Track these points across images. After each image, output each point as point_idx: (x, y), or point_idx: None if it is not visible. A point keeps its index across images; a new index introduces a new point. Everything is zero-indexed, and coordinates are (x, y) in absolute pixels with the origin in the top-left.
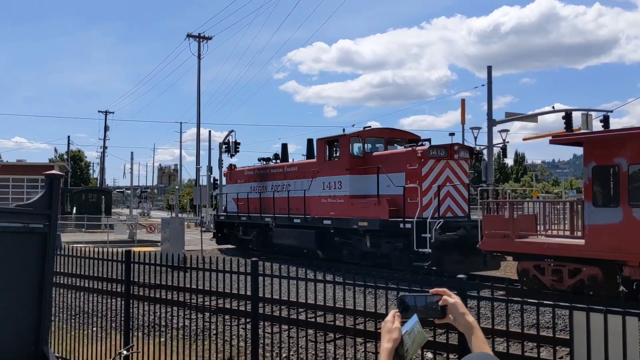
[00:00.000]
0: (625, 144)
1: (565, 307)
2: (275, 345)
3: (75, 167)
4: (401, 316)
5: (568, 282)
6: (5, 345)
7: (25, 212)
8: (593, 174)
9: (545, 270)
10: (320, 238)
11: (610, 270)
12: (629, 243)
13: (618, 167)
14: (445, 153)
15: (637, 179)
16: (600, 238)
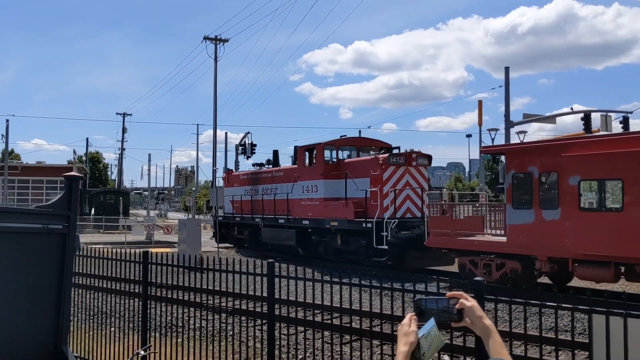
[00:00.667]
0: (536, 155)
1: (585, 310)
2: (292, 347)
3: (94, 168)
4: (418, 319)
5: (495, 275)
6: (25, 345)
7: (45, 213)
8: (512, 180)
9: (478, 265)
10: (300, 237)
11: (527, 264)
12: (539, 240)
13: (531, 174)
14: (404, 160)
15: (546, 185)
16: (518, 236)
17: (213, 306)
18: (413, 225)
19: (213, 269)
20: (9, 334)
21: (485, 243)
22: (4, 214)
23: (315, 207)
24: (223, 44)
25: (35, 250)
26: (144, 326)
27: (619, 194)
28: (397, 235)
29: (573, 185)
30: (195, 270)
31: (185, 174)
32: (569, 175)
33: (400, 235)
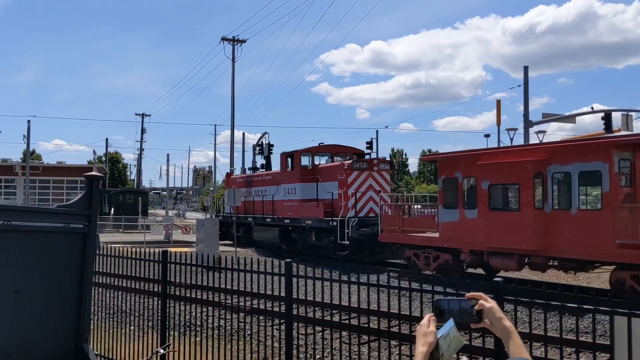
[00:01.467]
0: (460, 163)
1: (606, 312)
2: (309, 347)
3: (113, 168)
4: (437, 320)
5: (432, 266)
6: (47, 342)
7: (66, 213)
8: (442, 184)
9: (419, 257)
10: (283, 234)
11: (455, 256)
12: (463, 236)
13: (457, 179)
14: (367, 166)
15: (468, 188)
16: (447, 232)
17: (231, 305)
18: (372, 223)
19: (231, 268)
20: (31, 332)
21: (423, 238)
22: (26, 213)
23: (294, 208)
24: (240, 45)
25: (56, 250)
26: (163, 325)
27: (517, 196)
28: (358, 232)
29: (485, 189)
30: (213, 269)
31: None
32: (482, 180)
33: (360, 232)
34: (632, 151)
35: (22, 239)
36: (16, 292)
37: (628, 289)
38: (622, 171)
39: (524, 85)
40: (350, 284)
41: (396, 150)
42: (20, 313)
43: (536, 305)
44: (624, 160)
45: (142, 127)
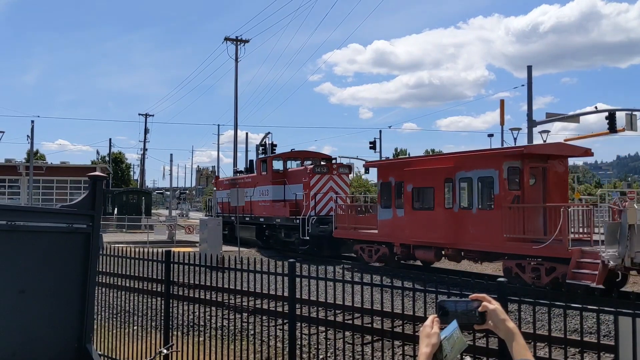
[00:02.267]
0: (393, 169)
1: (610, 312)
2: (313, 347)
3: (117, 168)
4: (440, 321)
5: (374, 258)
6: (50, 342)
7: (70, 213)
8: (380, 187)
9: (364, 250)
10: (259, 231)
11: (391, 249)
12: (395, 232)
13: (390, 183)
14: (327, 170)
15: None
16: (384, 228)
17: (234, 305)
18: (330, 221)
19: (234, 268)
20: (35, 332)
21: (367, 234)
22: (30, 213)
23: (267, 208)
24: (244, 45)
25: (60, 250)
26: (166, 325)
27: (432, 198)
28: (317, 229)
29: (409, 192)
30: (217, 269)
31: (207, 174)
32: (408, 184)
33: (318, 229)
34: (520, 160)
35: (25, 239)
36: (20, 292)
37: (514, 275)
38: (511, 177)
39: (527, 85)
40: (353, 284)
41: (399, 150)
42: (24, 313)
43: (540, 305)
44: (513, 168)
45: (145, 127)
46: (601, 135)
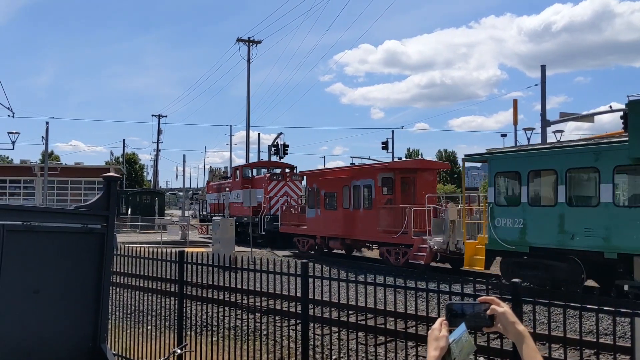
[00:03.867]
0: (314, 177)
1: (627, 314)
2: (326, 347)
3: (130, 169)
4: (449, 324)
5: (305, 247)
6: (65, 342)
7: (84, 213)
8: (307, 192)
9: (300, 242)
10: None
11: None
12: (317, 227)
13: (314, 188)
14: (282, 177)
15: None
16: (310, 224)
17: (247, 306)
18: None
19: (247, 268)
20: (50, 331)
21: (300, 229)
22: (45, 214)
23: (239, 208)
24: (256, 46)
25: (74, 250)
26: (179, 325)
27: (336, 200)
28: (271, 225)
29: (323, 195)
30: (229, 270)
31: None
32: (321, 189)
33: (272, 226)
34: (392, 172)
35: (40, 239)
36: (35, 292)
37: (384, 258)
38: (385, 185)
39: (541, 84)
40: (366, 284)
41: (412, 151)
42: (39, 313)
43: (555, 306)
44: (386, 178)
45: (158, 128)
46: (616, 134)
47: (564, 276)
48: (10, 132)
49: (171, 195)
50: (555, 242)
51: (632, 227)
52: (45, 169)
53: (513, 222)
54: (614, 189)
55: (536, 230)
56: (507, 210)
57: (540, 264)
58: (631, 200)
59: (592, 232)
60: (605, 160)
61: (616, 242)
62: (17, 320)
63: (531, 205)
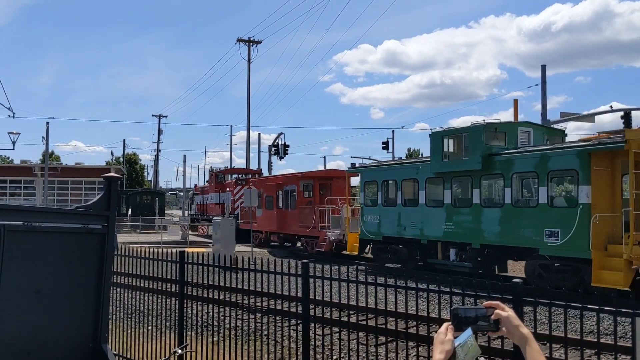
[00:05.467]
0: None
1: (628, 314)
2: (326, 347)
3: (131, 169)
4: (454, 329)
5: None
6: (66, 342)
7: (85, 214)
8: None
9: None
10: None
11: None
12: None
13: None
14: (245, 182)
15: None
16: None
17: (248, 306)
18: None
19: (248, 269)
20: (50, 331)
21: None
22: (46, 214)
23: (212, 208)
24: (256, 46)
25: (75, 250)
26: (180, 325)
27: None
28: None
29: (264, 197)
30: (230, 270)
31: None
32: (264, 193)
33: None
34: (312, 179)
35: (41, 239)
36: (36, 292)
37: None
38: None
39: (541, 84)
40: (367, 284)
41: (413, 151)
42: (40, 313)
43: (556, 306)
44: (307, 184)
45: (159, 128)
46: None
47: (404, 257)
48: (10, 132)
49: (171, 196)
50: (395, 232)
51: (435, 222)
52: (45, 169)
53: (374, 218)
54: (426, 194)
55: (386, 224)
56: (371, 209)
57: (391, 248)
58: (434, 203)
59: (415, 225)
60: (421, 173)
61: (426, 232)
62: (18, 320)
63: (383, 206)
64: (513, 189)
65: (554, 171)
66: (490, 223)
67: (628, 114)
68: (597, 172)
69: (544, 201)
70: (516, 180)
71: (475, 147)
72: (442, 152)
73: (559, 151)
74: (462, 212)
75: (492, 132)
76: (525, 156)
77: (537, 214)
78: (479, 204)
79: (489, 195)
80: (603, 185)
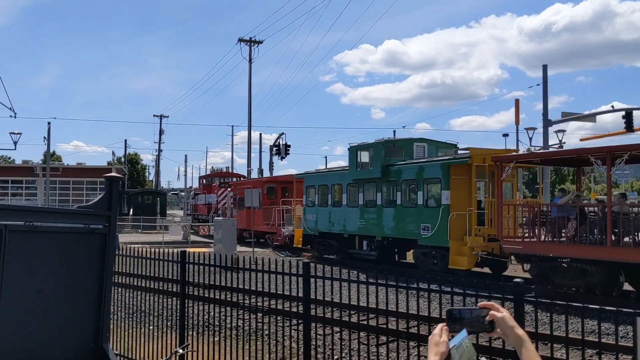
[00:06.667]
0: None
1: (629, 313)
2: (327, 347)
3: (132, 169)
4: (449, 330)
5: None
6: (67, 342)
7: (86, 213)
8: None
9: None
10: None
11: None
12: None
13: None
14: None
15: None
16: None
17: (249, 306)
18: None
19: (249, 268)
20: (52, 331)
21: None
22: (47, 214)
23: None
24: (257, 46)
25: (76, 250)
26: (181, 325)
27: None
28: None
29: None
30: (231, 270)
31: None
32: (238, 195)
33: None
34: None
35: (43, 239)
36: (37, 292)
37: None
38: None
39: (543, 84)
40: (368, 284)
41: None
42: (41, 313)
43: (557, 306)
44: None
45: (160, 129)
46: (618, 134)
47: (335, 249)
48: (12, 133)
49: (173, 196)
50: (327, 228)
51: (353, 220)
52: (47, 169)
53: (312, 217)
54: (347, 197)
55: (321, 222)
56: (310, 209)
57: (326, 242)
58: (352, 204)
59: (340, 222)
60: (344, 179)
61: (347, 228)
62: (19, 320)
63: (319, 206)
64: (402, 193)
65: (427, 179)
66: (388, 220)
67: (629, 114)
68: (455, 180)
69: (420, 202)
70: (404, 185)
71: (377, 159)
72: (357, 162)
73: (429, 163)
74: (370, 212)
75: (391, 147)
76: (409, 167)
77: (416, 213)
78: (380, 204)
79: (388, 198)
80: (460, 190)
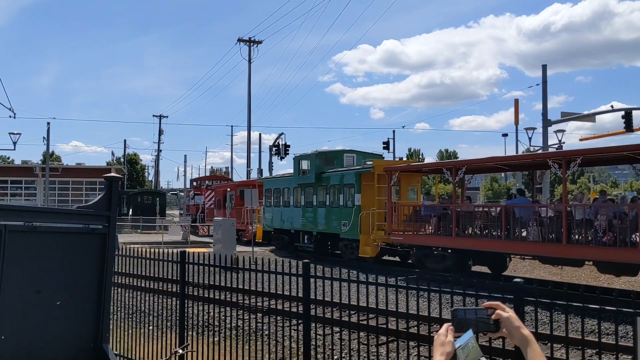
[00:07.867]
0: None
1: (629, 313)
2: (327, 347)
3: (131, 170)
4: (455, 330)
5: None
6: (67, 342)
7: (86, 214)
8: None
9: None
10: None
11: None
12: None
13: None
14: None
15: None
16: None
17: (249, 306)
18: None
19: (249, 269)
20: (51, 331)
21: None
22: (47, 214)
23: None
24: (257, 46)
25: (76, 250)
26: (181, 325)
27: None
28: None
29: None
30: (231, 270)
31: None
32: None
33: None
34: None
35: (42, 239)
36: (37, 292)
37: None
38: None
39: (542, 84)
40: (368, 284)
41: (413, 151)
42: (41, 313)
43: (557, 306)
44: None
45: (159, 129)
46: (617, 134)
47: (286, 243)
48: (11, 133)
49: (172, 196)
50: (280, 225)
51: (297, 218)
52: (46, 169)
53: (269, 215)
54: (294, 198)
55: (275, 219)
56: (268, 209)
57: (281, 236)
58: (297, 204)
59: (288, 220)
60: (291, 184)
61: (294, 225)
62: (18, 320)
63: (274, 206)
64: (330, 195)
65: (346, 184)
66: (320, 218)
67: (629, 114)
68: (365, 185)
69: (342, 203)
70: (332, 189)
71: (313, 167)
72: (299, 170)
73: (347, 172)
74: (309, 211)
75: (324, 157)
76: (335, 174)
77: (339, 212)
78: (316, 205)
79: (320, 200)
80: (368, 193)
